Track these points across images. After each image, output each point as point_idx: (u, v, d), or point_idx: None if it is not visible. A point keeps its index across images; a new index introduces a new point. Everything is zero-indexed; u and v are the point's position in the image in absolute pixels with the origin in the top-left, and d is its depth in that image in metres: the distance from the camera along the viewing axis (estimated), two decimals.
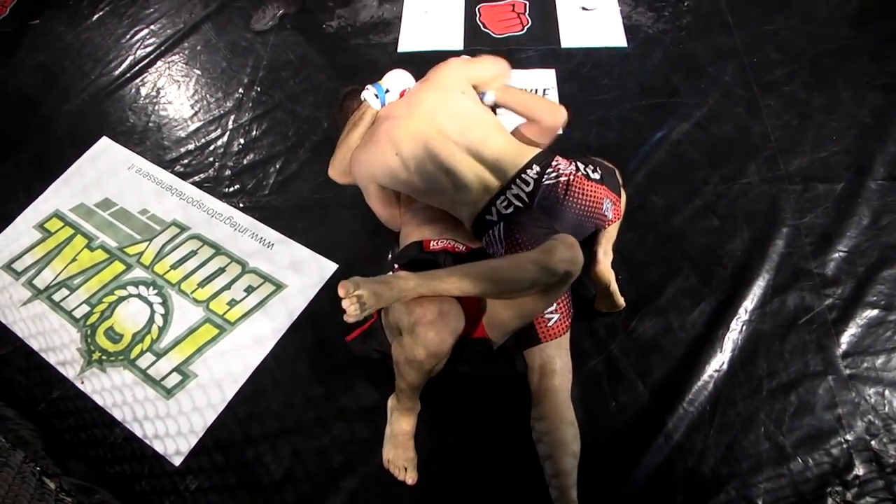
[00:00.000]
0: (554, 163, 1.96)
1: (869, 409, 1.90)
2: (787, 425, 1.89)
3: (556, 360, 1.87)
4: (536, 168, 1.94)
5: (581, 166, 1.96)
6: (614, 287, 2.10)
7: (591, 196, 1.94)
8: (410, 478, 1.94)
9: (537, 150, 2.00)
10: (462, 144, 1.97)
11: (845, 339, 2.02)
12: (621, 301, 2.11)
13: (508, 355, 1.90)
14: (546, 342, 1.87)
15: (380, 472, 1.96)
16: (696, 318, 2.11)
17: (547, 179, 1.92)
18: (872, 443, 1.85)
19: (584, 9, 3.20)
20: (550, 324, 1.87)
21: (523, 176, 1.93)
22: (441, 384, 1.92)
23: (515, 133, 2.14)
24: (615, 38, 3.03)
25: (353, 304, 1.60)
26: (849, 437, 1.85)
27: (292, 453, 2.05)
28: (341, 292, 1.60)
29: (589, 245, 2.03)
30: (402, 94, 2.16)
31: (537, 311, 1.78)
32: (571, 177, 1.93)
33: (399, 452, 1.94)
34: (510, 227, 1.89)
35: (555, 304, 1.86)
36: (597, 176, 1.97)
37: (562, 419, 1.82)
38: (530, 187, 1.91)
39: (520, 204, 1.91)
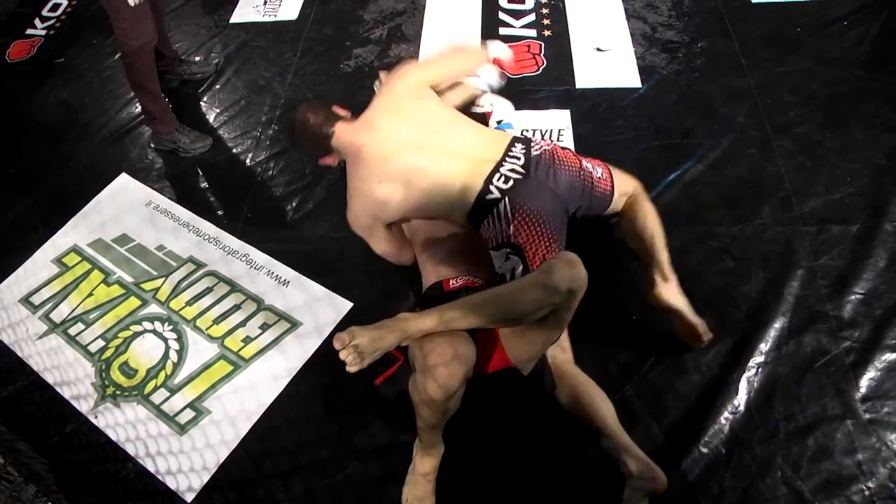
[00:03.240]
0: (533, 139, 2.09)
1: (891, 455, 1.87)
2: (805, 470, 1.86)
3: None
4: (520, 145, 2.03)
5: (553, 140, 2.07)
6: (690, 316, 2.03)
7: (573, 160, 2.05)
8: None
9: (510, 136, 2.09)
10: (435, 150, 2.02)
11: (864, 382, 2.00)
12: (704, 330, 2.04)
13: (538, 377, 1.92)
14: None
15: None
16: (711, 359, 2.09)
17: (534, 151, 2.01)
18: None
19: (598, 50, 3.23)
20: None
21: (511, 153, 2.02)
22: (465, 426, 1.92)
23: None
24: (630, 79, 3.06)
25: (349, 354, 1.60)
26: (871, 484, 1.82)
27: (305, 491, 2.03)
28: (337, 345, 1.61)
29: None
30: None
31: (554, 334, 1.79)
32: (552, 146, 2.06)
33: (417, 493, 1.93)
34: (515, 199, 1.93)
35: None
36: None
37: (584, 385, 1.92)
38: (522, 161, 1.99)
39: (518, 175, 1.96)
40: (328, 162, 2.25)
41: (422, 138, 2.03)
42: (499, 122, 2.17)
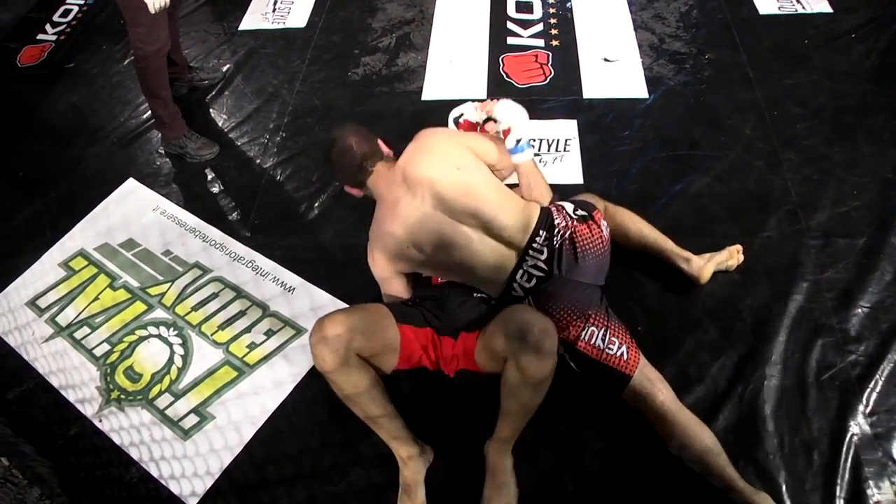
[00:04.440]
0: (555, 221, 2.00)
1: None
2: (811, 484, 1.85)
3: (653, 382, 1.90)
4: (543, 234, 1.98)
5: (569, 212, 2.03)
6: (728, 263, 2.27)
7: (593, 239, 1.99)
8: None
9: (537, 212, 2.04)
10: (471, 222, 1.99)
11: (869, 396, 1.99)
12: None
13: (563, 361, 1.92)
14: (632, 374, 1.89)
15: None
16: (716, 372, 2.09)
17: (556, 241, 1.96)
18: None
19: (606, 60, 3.25)
20: (625, 357, 1.90)
21: (534, 245, 1.97)
22: (457, 432, 1.93)
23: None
24: (637, 89, 3.07)
25: None
26: (878, 498, 1.81)
27: (308, 498, 2.04)
28: None
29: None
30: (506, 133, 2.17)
31: (535, 399, 1.79)
32: (571, 229, 1.98)
33: (407, 502, 1.94)
34: (539, 298, 1.94)
35: (616, 339, 1.91)
36: (584, 214, 2.04)
37: (691, 431, 1.83)
38: (545, 255, 1.95)
39: (541, 273, 1.95)
40: (353, 192, 2.23)
41: (458, 211, 1.98)
42: (517, 143, 2.12)
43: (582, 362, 1.93)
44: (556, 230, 1.98)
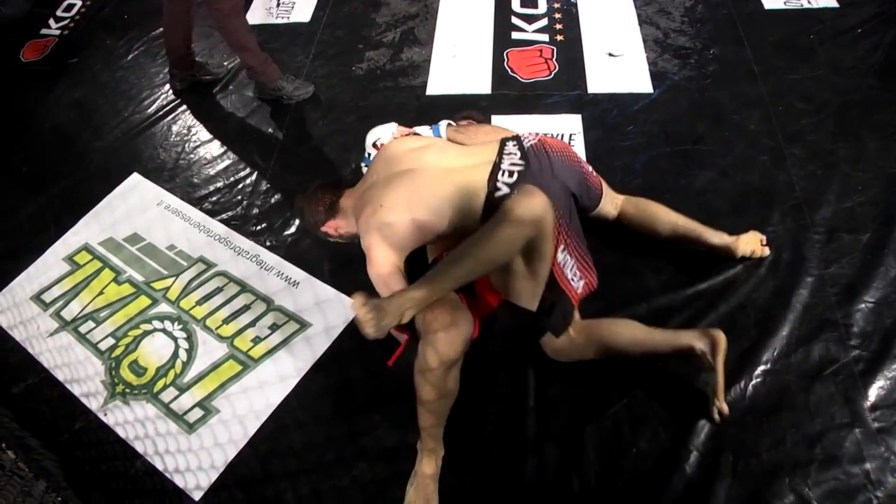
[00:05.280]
0: (521, 134, 2.18)
1: None
2: (813, 478, 1.85)
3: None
4: (511, 142, 2.10)
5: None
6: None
7: (562, 145, 2.17)
8: None
9: (499, 138, 2.16)
10: (435, 166, 2.07)
11: (873, 391, 1.99)
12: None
13: (550, 309, 1.95)
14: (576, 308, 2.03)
15: None
16: None
17: (526, 144, 2.09)
18: None
19: (610, 55, 3.24)
20: (579, 291, 2.01)
21: (506, 150, 2.07)
22: (465, 429, 1.93)
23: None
24: (641, 84, 3.06)
25: (369, 312, 1.72)
26: (879, 493, 1.81)
27: (312, 492, 2.04)
28: (357, 303, 1.72)
29: None
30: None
31: (544, 266, 1.86)
32: (538, 138, 2.14)
33: (419, 495, 1.93)
34: None
35: (578, 272, 2.00)
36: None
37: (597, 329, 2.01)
38: (518, 154, 2.05)
39: (520, 167, 2.01)
40: (330, 228, 2.24)
41: (413, 166, 2.08)
42: (430, 128, 2.30)
43: (548, 286, 1.96)
44: (524, 138, 2.12)
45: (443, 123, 2.41)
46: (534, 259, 1.82)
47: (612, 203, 2.32)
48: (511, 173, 1.99)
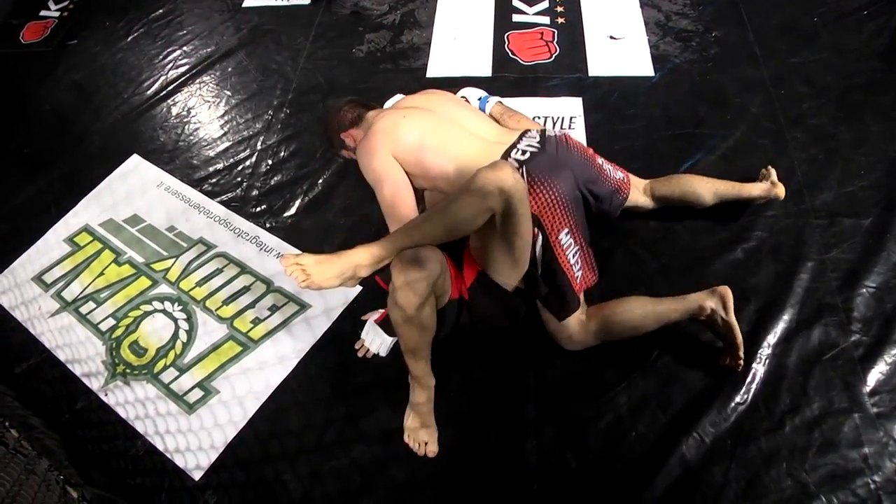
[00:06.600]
0: (546, 127, 2.28)
1: None
2: (811, 463, 1.86)
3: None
4: (534, 130, 2.15)
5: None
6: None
7: (583, 147, 2.20)
8: (431, 451, 1.99)
9: (525, 127, 2.23)
10: (462, 125, 2.13)
11: (872, 376, 1.99)
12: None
13: (532, 279, 2.00)
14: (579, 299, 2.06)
15: (398, 494, 1.97)
16: (718, 350, 2.09)
17: (549, 133, 2.14)
18: None
19: (612, 38, 3.22)
20: (578, 280, 2.04)
21: (528, 134, 2.12)
22: (465, 412, 1.93)
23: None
24: (642, 67, 3.04)
25: (295, 269, 1.71)
26: (877, 477, 1.82)
27: (311, 473, 2.05)
28: (283, 263, 1.72)
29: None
30: None
31: (518, 242, 1.88)
32: (564, 133, 2.18)
33: (416, 420, 1.99)
34: (533, 169, 1.99)
35: (580, 262, 2.04)
36: None
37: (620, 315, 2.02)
38: (537, 139, 2.09)
39: (534, 149, 2.04)
40: (348, 137, 2.30)
41: (445, 115, 2.15)
42: (479, 100, 2.49)
43: (548, 265, 1.99)
44: (548, 132, 2.15)
45: (493, 99, 2.48)
46: (508, 233, 1.84)
47: (641, 192, 2.34)
48: (524, 152, 2.03)
